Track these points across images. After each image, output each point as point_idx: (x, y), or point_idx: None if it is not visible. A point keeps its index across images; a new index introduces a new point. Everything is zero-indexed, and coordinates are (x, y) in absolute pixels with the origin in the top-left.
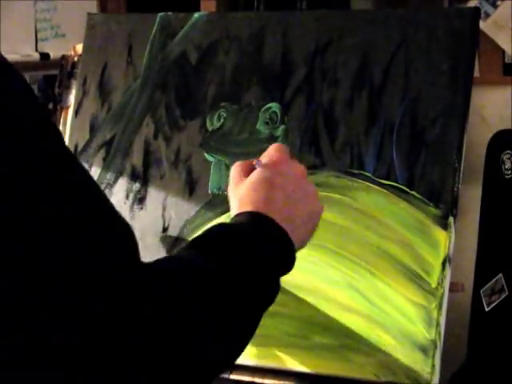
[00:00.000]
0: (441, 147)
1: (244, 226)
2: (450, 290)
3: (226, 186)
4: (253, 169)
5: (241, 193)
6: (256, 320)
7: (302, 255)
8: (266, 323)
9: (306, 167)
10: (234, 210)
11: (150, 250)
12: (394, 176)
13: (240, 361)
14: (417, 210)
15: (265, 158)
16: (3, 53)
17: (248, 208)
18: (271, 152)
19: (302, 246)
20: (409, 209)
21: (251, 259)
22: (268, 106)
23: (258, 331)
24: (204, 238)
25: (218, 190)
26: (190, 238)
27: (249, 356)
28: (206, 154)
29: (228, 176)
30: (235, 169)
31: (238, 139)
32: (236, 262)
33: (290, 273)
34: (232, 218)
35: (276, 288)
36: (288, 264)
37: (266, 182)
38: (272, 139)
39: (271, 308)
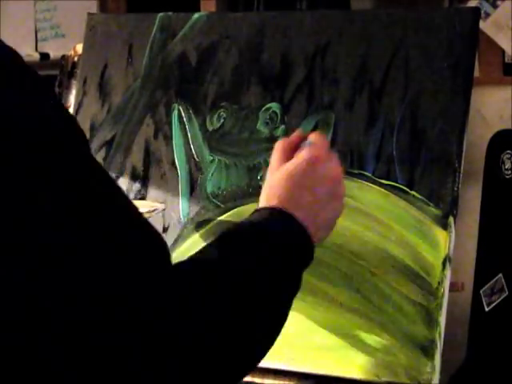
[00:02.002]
0: (441, 147)
1: (267, 222)
2: (450, 290)
3: (226, 185)
4: (295, 149)
5: (274, 180)
6: (284, 314)
7: None
8: None
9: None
10: (263, 195)
11: None
12: (394, 176)
13: None
14: (417, 210)
15: (313, 144)
16: None
17: (275, 201)
18: (319, 140)
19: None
20: (409, 209)
21: (275, 259)
22: (268, 105)
23: None
24: (229, 236)
25: (218, 189)
26: (189, 238)
27: None
28: (206, 154)
29: (228, 176)
30: (277, 148)
31: (237, 139)
32: (262, 264)
33: None
34: (258, 210)
35: (299, 283)
36: (307, 260)
37: (300, 178)
38: (272, 139)
39: None
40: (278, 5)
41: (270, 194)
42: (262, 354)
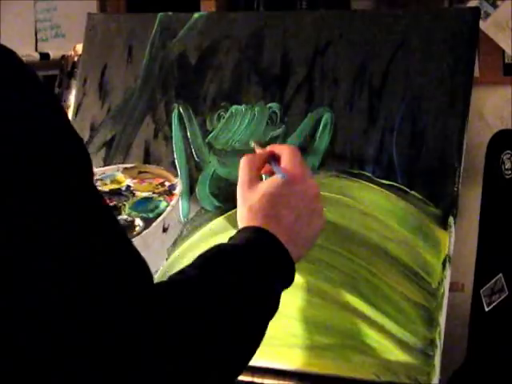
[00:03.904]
0: (441, 147)
1: (250, 245)
2: (450, 290)
3: (226, 185)
4: (264, 166)
5: (252, 201)
6: (260, 334)
7: None
8: None
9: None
10: (242, 218)
11: (151, 251)
12: (394, 176)
13: None
14: (417, 209)
15: (285, 163)
16: None
17: (257, 222)
18: (291, 159)
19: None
20: (409, 209)
21: (255, 281)
22: (268, 105)
23: None
24: (209, 258)
25: (218, 189)
26: (189, 238)
27: None
28: (205, 154)
29: (228, 176)
30: (247, 163)
31: (237, 139)
32: (241, 285)
33: None
34: (239, 231)
35: (277, 304)
36: (288, 281)
37: (279, 199)
38: (272, 139)
39: None
40: (278, 5)
41: (250, 215)
42: (238, 373)
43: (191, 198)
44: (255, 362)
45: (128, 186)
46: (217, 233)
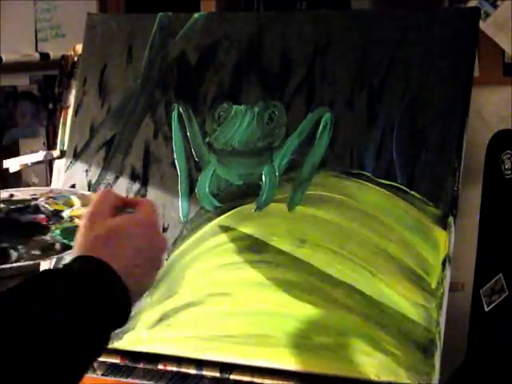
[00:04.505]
0: (441, 147)
1: (78, 271)
2: (450, 290)
3: (225, 185)
4: (117, 205)
5: (101, 231)
6: (79, 371)
7: (302, 255)
8: (266, 323)
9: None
10: (84, 247)
11: None
12: (394, 176)
13: (240, 361)
14: (417, 209)
15: (140, 212)
16: (3, 53)
17: (96, 252)
18: (147, 209)
19: (141, 291)
20: (409, 209)
21: (82, 313)
22: (268, 105)
23: (257, 331)
24: (31, 283)
25: (218, 189)
26: (189, 238)
27: (249, 356)
28: (205, 154)
29: (227, 176)
30: (103, 197)
31: (237, 139)
32: (62, 310)
33: (291, 272)
34: (75, 259)
35: (105, 340)
36: (123, 314)
37: (126, 235)
38: (272, 139)
39: (271, 308)
40: (278, 5)
41: (93, 245)
42: None
43: (191, 198)
44: (255, 362)
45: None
46: (217, 233)
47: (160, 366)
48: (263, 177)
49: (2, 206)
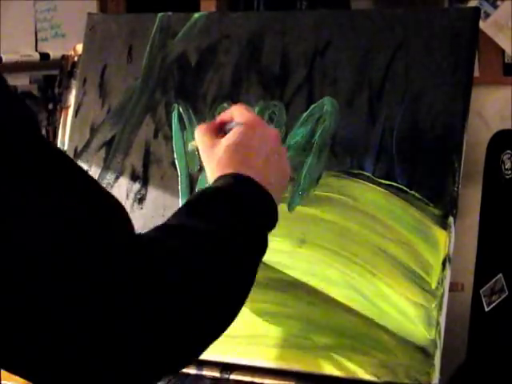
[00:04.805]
0: (441, 147)
1: (230, 187)
2: (450, 290)
3: None
4: (218, 130)
5: (219, 155)
6: (250, 277)
7: (302, 255)
8: (266, 323)
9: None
10: (214, 173)
11: None
12: (394, 176)
13: (240, 361)
14: (417, 210)
15: (238, 118)
16: (3, 53)
17: (229, 170)
18: (243, 112)
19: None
20: (409, 209)
21: (241, 218)
22: (268, 105)
23: (257, 331)
24: (194, 202)
25: None
26: None
27: (249, 356)
28: None
29: None
30: (203, 131)
31: None
32: (228, 223)
33: (290, 272)
34: (215, 181)
35: (265, 243)
36: (272, 220)
37: (244, 145)
38: None
39: (271, 308)
40: (278, 5)
41: (220, 168)
42: (229, 320)
43: None
44: (255, 362)
45: None
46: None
47: None
48: None
49: None
